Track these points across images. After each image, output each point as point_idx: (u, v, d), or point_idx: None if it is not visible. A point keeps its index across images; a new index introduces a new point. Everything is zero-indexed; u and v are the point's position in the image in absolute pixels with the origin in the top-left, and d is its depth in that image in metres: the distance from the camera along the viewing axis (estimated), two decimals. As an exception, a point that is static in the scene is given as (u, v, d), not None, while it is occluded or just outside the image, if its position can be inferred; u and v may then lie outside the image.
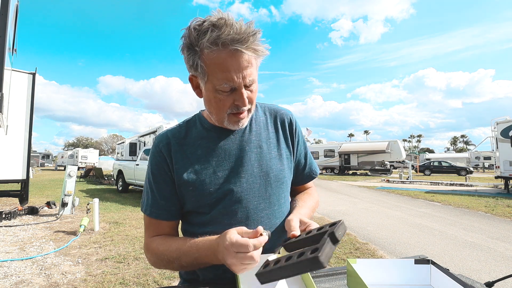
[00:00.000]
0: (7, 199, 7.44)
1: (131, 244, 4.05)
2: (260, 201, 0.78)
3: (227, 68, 0.65)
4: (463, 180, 15.24)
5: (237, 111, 0.71)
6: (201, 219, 0.77)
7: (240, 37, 0.62)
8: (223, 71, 0.65)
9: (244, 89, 0.69)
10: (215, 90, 0.68)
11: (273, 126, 0.86)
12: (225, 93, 0.68)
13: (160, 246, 0.73)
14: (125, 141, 15.01)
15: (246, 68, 0.66)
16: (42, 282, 2.81)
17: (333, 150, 25.64)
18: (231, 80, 0.65)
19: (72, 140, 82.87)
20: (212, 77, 0.67)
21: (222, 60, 0.64)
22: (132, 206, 7.41)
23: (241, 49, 0.63)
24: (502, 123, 10.49)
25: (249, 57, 0.66)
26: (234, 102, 0.69)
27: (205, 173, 0.75)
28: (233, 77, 0.65)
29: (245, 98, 0.69)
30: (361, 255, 3.66)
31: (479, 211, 6.79)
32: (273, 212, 0.79)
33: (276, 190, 0.80)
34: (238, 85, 0.67)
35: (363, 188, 12.52)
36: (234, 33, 0.62)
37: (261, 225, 0.76)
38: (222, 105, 0.70)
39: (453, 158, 32.25)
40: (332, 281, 0.74)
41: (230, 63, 0.64)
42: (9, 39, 2.62)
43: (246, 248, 0.55)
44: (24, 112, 5.85)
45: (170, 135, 0.79)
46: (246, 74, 0.66)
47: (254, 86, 0.71)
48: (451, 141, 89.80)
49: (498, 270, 3.23)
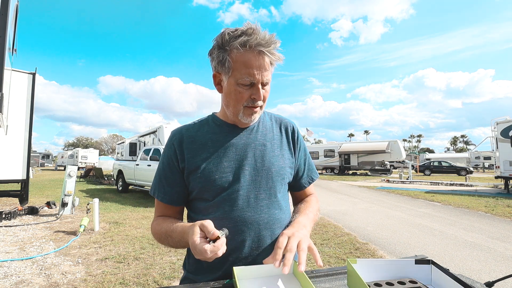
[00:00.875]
0: (7, 199, 7.44)
1: (131, 244, 4.05)
2: (261, 192, 0.85)
3: (250, 65, 0.77)
4: (463, 180, 15.25)
5: (252, 104, 0.81)
6: (204, 205, 0.85)
7: (264, 43, 0.77)
8: (246, 67, 0.77)
9: (262, 86, 0.80)
10: (237, 84, 0.80)
11: (278, 130, 0.96)
12: (245, 87, 0.80)
13: (157, 226, 0.86)
14: (125, 141, 15.03)
15: (266, 69, 0.79)
16: (42, 282, 2.81)
17: (333, 150, 25.63)
18: (252, 75, 0.77)
19: (72, 140, 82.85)
20: (236, 72, 0.79)
21: (247, 59, 0.77)
22: (132, 206, 7.41)
23: (264, 51, 0.77)
24: (502, 123, 10.49)
25: (269, 60, 0.79)
26: (251, 95, 0.80)
27: (213, 162, 0.84)
28: (254, 72, 0.77)
29: (261, 93, 0.80)
30: (361, 255, 3.66)
31: (479, 211, 6.79)
32: (272, 203, 0.86)
33: (277, 183, 0.88)
34: (257, 80, 0.78)
35: (363, 188, 12.53)
36: (260, 39, 0.76)
37: (262, 214, 0.86)
38: (240, 97, 0.81)
39: (453, 158, 32.25)
40: (332, 281, 0.74)
41: (254, 61, 0.77)
42: (9, 39, 2.62)
43: (205, 253, 0.63)
44: (24, 112, 5.85)
45: (184, 130, 0.91)
46: (264, 74, 0.79)
47: (267, 87, 0.83)
48: (451, 141, 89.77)
49: (498, 270, 3.23)
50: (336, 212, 6.78)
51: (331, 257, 3.60)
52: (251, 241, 0.82)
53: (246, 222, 0.82)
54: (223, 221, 0.80)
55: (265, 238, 0.83)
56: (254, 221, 0.82)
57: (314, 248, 0.70)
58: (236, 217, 0.81)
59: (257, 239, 0.82)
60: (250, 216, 0.82)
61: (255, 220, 0.82)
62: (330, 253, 3.73)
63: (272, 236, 0.84)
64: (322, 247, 4.01)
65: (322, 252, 3.77)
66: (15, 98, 5.44)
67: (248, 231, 0.81)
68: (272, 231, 0.84)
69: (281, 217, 0.88)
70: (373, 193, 10.62)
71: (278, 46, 0.80)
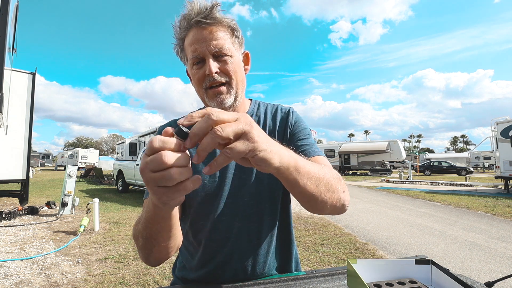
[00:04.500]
0: (7, 199, 7.44)
1: (131, 244, 4.04)
2: (251, 198, 0.77)
3: (192, 41, 0.70)
4: (463, 180, 15.24)
5: (209, 82, 0.71)
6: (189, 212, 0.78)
7: (200, 10, 0.68)
8: (190, 45, 0.71)
9: (214, 59, 0.70)
10: (191, 68, 0.73)
11: (272, 123, 0.85)
12: (196, 67, 0.71)
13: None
14: (125, 141, 15.02)
15: (212, 38, 0.69)
16: (42, 282, 2.81)
17: (333, 150, 25.62)
18: (195, 50, 0.69)
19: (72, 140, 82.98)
20: (188, 55, 0.73)
21: (191, 36, 0.71)
22: (132, 206, 7.41)
23: (202, 20, 0.68)
24: (502, 123, 10.49)
25: (214, 27, 0.70)
26: (205, 73, 0.70)
27: (201, 165, 0.76)
28: (196, 47, 0.69)
29: (212, 66, 0.69)
30: (361, 255, 3.66)
31: (479, 211, 6.78)
32: (263, 209, 0.78)
33: (268, 189, 0.78)
34: (203, 53, 0.69)
35: (363, 188, 12.52)
36: (196, 10, 0.68)
37: (251, 223, 0.76)
38: (197, 80, 0.72)
39: (453, 158, 32.25)
40: (332, 281, 0.74)
41: (195, 36, 0.70)
42: (9, 39, 2.62)
43: (152, 147, 0.36)
44: (24, 112, 5.85)
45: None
46: (211, 43, 0.69)
47: (228, 59, 0.71)
48: (451, 141, 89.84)
49: (498, 270, 3.23)
50: (336, 212, 6.77)
51: (331, 257, 3.60)
52: (241, 253, 0.76)
53: (234, 234, 0.76)
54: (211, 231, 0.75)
55: (261, 248, 0.78)
56: (243, 231, 0.76)
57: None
58: (223, 228, 0.75)
59: (248, 250, 0.76)
60: (238, 227, 0.76)
61: (243, 231, 0.76)
62: (330, 253, 3.73)
63: (269, 245, 0.79)
64: (322, 247, 4.01)
65: (322, 252, 3.77)
66: (15, 98, 5.43)
67: (237, 243, 0.76)
68: (265, 238, 0.78)
69: (273, 225, 0.80)
70: (373, 193, 10.62)
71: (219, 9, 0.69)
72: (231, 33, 0.73)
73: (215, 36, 0.69)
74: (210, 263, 0.77)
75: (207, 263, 0.77)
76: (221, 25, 0.71)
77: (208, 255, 0.77)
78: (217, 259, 0.76)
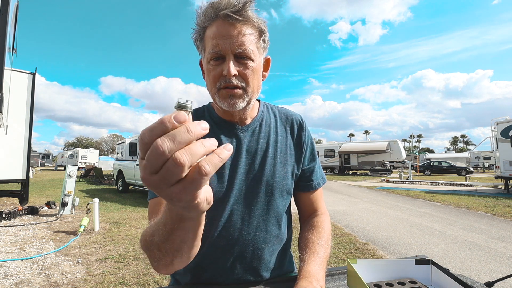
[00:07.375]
0: (7, 199, 7.42)
1: (131, 244, 4.05)
2: (258, 206, 0.75)
3: (216, 34, 0.64)
4: (463, 180, 15.23)
5: (225, 83, 0.65)
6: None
7: (232, 3, 0.63)
8: (212, 38, 0.65)
9: (235, 60, 0.65)
10: (208, 62, 0.67)
11: (283, 129, 0.83)
12: (214, 63, 0.66)
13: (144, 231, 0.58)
14: (125, 141, 14.97)
15: (237, 36, 0.64)
16: (42, 282, 2.81)
17: (333, 150, 25.61)
18: (217, 46, 0.64)
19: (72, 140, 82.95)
20: (207, 47, 0.67)
21: (214, 28, 0.65)
22: (132, 206, 7.41)
23: (231, 14, 0.62)
24: (502, 123, 10.48)
25: (240, 26, 0.64)
26: (222, 73, 0.65)
27: None
28: (219, 42, 0.64)
29: (231, 67, 0.63)
30: (361, 255, 3.66)
31: (479, 211, 6.78)
32: (271, 219, 0.76)
33: (277, 196, 0.77)
34: (225, 50, 0.64)
35: (363, 188, 12.52)
36: (227, 1, 0.63)
37: (257, 232, 0.74)
38: (212, 78, 0.67)
39: (453, 158, 32.24)
40: (332, 281, 0.74)
41: (219, 29, 0.64)
42: (9, 39, 2.62)
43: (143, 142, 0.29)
44: (24, 112, 5.85)
45: None
46: (235, 41, 0.64)
47: (249, 62, 0.66)
48: (451, 141, 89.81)
49: (498, 270, 3.22)
50: (336, 212, 6.77)
51: (331, 257, 3.60)
52: (245, 260, 0.74)
53: (240, 241, 0.73)
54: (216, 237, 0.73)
55: (264, 255, 0.76)
56: (249, 240, 0.74)
57: None
58: (229, 235, 0.72)
59: (253, 258, 0.75)
60: (245, 235, 0.73)
61: (250, 239, 0.74)
62: (330, 253, 3.72)
63: (272, 253, 0.78)
64: (322, 247, 4.00)
65: (322, 252, 3.77)
66: (15, 98, 5.43)
67: (242, 251, 0.74)
68: (269, 247, 0.77)
69: (279, 233, 0.79)
70: (373, 193, 10.62)
71: (252, 6, 0.64)
72: (259, 36, 0.69)
73: (242, 35, 0.64)
74: (211, 268, 0.75)
75: (208, 268, 0.75)
76: (251, 24, 0.66)
77: (209, 260, 0.75)
78: (219, 264, 0.74)
